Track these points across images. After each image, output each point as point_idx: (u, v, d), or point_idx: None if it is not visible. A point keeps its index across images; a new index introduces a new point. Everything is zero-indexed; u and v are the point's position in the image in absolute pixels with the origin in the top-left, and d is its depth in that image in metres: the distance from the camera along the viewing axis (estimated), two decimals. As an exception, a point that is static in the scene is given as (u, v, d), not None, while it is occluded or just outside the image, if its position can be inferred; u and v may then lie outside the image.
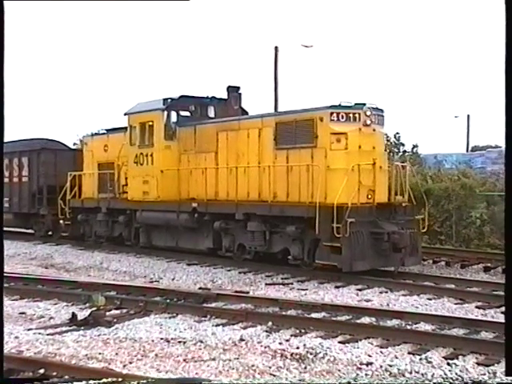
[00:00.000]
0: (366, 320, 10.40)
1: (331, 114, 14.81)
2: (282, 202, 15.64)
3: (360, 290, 13.46)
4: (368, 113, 14.89)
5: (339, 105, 14.92)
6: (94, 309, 11.15)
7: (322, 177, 14.62)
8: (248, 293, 13.09)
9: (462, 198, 21.15)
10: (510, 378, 6.02)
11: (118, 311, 11.51)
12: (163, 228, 19.30)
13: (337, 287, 13.80)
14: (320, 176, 14.57)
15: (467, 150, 45.62)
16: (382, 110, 15.42)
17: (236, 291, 13.21)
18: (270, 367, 7.97)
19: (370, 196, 14.79)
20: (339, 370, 7.83)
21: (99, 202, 21.63)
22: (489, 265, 16.45)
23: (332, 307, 11.18)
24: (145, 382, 4.72)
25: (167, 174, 18.76)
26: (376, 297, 12.75)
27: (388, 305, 11.97)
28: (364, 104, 14.95)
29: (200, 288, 13.85)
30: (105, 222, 21.46)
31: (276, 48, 32.86)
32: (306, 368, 7.94)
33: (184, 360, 8.29)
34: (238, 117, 17.96)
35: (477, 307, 11.59)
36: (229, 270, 16.34)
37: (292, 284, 14.34)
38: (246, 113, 19.12)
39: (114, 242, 21.55)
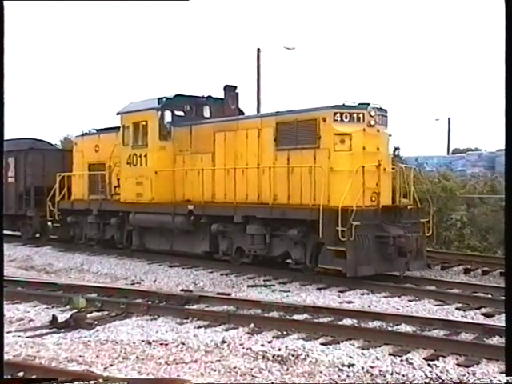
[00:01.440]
0: (347, 322, 10.43)
1: (335, 114, 14.39)
2: (283, 204, 15.20)
3: (342, 291, 13.45)
4: (372, 113, 14.49)
5: (343, 104, 14.50)
6: (74, 311, 11.13)
7: (325, 179, 14.17)
8: (230, 295, 13.07)
9: (443, 201, 21.06)
10: (509, 378, 6.42)
11: (99, 313, 11.43)
12: (157, 231, 18.79)
13: (319, 289, 13.80)
14: (323, 178, 14.13)
15: (448, 153, 45.67)
16: (385, 111, 15.04)
17: (218, 293, 13.18)
18: (251, 369, 7.97)
19: (373, 198, 14.39)
20: (321, 372, 7.84)
21: (90, 204, 21.06)
22: (469, 267, 16.50)
23: (314, 309, 11.21)
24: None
25: (162, 176, 18.24)
26: (357, 298, 12.74)
27: (369, 306, 11.96)
28: (368, 104, 14.55)
29: (182, 290, 13.79)
30: (96, 224, 20.91)
31: (258, 50, 32.56)
32: (287, 370, 7.95)
33: (166, 362, 8.30)
34: (236, 117, 17.49)
35: (457, 309, 11.62)
36: (211, 272, 16.34)
37: (274, 286, 14.32)
38: (243, 113, 18.67)
39: (105, 244, 21.01)
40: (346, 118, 14.40)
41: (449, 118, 51.42)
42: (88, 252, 20.69)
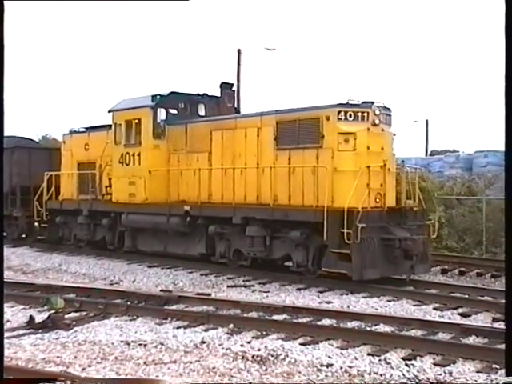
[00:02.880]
0: (326, 322, 10.44)
1: (339, 112, 13.97)
2: (284, 205, 14.75)
3: (321, 292, 13.43)
4: (377, 112, 14.08)
5: (347, 103, 14.08)
6: (52, 312, 10.99)
7: (329, 179, 13.74)
8: (210, 295, 12.99)
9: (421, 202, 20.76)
10: (510, 378, 6.35)
11: (77, 314, 11.35)
12: (150, 232, 18.27)
13: (298, 289, 13.77)
14: (327, 178, 13.70)
15: (426, 154, 45.67)
16: (389, 109, 14.64)
17: (198, 293, 13.10)
18: (231, 369, 7.96)
19: (378, 200, 13.99)
20: (300, 372, 7.86)
21: (80, 204, 20.49)
22: (446, 267, 16.51)
23: (293, 309, 11.22)
24: None
25: (156, 175, 17.72)
26: (337, 299, 12.73)
27: (348, 307, 11.97)
28: (372, 102, 14.14)
29: (161, 290, 13.73)
30: (86, 225, 20.34)
31: (239, 51, 32.22)
32: (266, 370, 7.96)
33: (144, 363, 8.28)
34: (234, 115, 17.03)
35: (434, 309, 11.68)
36: (190, 272, 16.22)
37: (254, 286, 14.22)
38: (239, 112, 18.22)
39: (95, 245, 20.45)
40: (350, 116, 13.98)
41: (427, 120, 51.57)
42: (66, 252, 20.49)
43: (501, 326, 9.88)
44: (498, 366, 7.82)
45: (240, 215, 15.40)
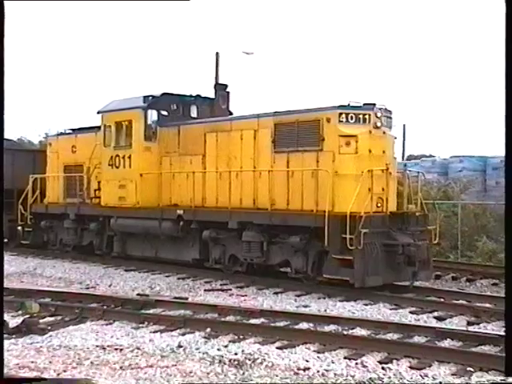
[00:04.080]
0: (303, 325, 10.46)
1: (340, 114, 13.59)
2: (282, 209, 14.34)
3: (298, 295, 13.45)
4: (378, 114, 13.74)
5: (348, 105, 13.72)
6: (26, 316, 10.89)
7: (329, 183, 13.34)
8: (187, 299, 12.95)
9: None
10: (510, 378, 6.47)
11: (52, 318, 11.23)
12: (141, 237, 17.76)
13: (276, 293, 13.74)
14: (328, 182, 13.31)
15: (402, 159, 45.62)
16: (390, 112, 14.30)
17: (175, 297, 13.10)
18: (208, 373, 7.96)
19: (379, 204, 13.62)
20: (277, 376, 7.87)
21: (67, 208, 19.90)
22: None
23: (271, 313, 11.23)
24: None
25: (147, 178, 17.22)
26: (314, 303, 12.74)
27: (326, 310, 11.98)
28: (374, 104, 13.79)
29: (138, 294, 13.63)
30: (73, 229, 19.76)
31: (217, 54, 31.82)
32: (243, 374, 7.95)
33: (120, 367, 8.21)
34: (229, 116, 16.60)
35: (410, 312, 11.74)
36: (167, 276, 16.18)
37: (231, 290, 14.21)
38: (231, 114, 17.79)
39: (82, 250, 19.89)
40: (351, 118, 13.62)
41: (404, 125, 51.29)
42: (42, 256, 20.19)
43: (475, 329, 10.25)
44: (472, 369, 7.95)
45: (236, 220, 14.96)
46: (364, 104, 13.81)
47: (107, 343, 9.37)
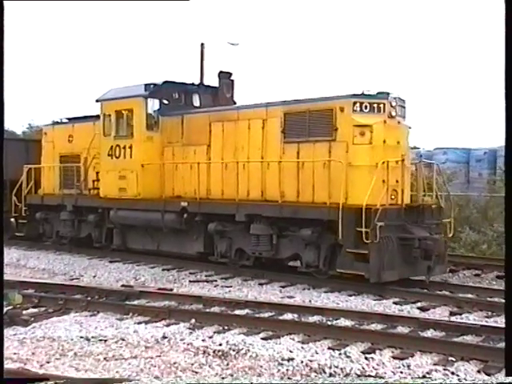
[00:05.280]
0: (288, 316, 10.49)
1: (354, 103, 13.11)
2: (292, 202, 13.87)
3: (283, 286, 13.43)
4: (393, 103, 13.28)
5: (362, 93, 13.24)
6: (9, 307, 10.64)
7: (343, 174, 12.88)
8: (171, 290, 13.00)
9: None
10: (510, 378, 6.17)
11: (35, 310, 11.25)
12: (142, 229, 17.23)
13: (260, 284, 13.76)
14: (342, 174, 12.84)
15: None
16: (404, 101, 13.84)
17: (159, 288, 13.12)
18: (192, 364, 7.97)
19: (393, 197, 13.18)
20: (261, 366, 7.91)
21: (63, 199, 19.33)
22: None
23: (255, 304, 11.25)
24: None
25: (149, 169, 16.68)
26: (299, 293, 12.76)
27: (310, 301, 11.98)
28: (388, 93, 13.33)
29: (122, 285, 13.65)
30: (70, 221, 19.20)
31: (202, 45, 31.30)
32: (228, 364, 7.98)
33: (104, 358, 8.23)
34: (236, 105, 16.08)
35: (394, 303, 11.77)
36: (152, 267, 16.16)
37: (216, 281, 14.18)
38: (235, 103, 17.28)
39: (79, 243, 19.33)
40: (365, 108, 13.15)
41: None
42: (25, 247, 20.06)
43: (457, 319, 10.30)
44: (453, 359, 8.05)
45: (244, 212, 14.46)
46: (378, 93, 13.36)
47: (91, 334, 9.38)
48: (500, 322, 10.14)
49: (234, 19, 55.80)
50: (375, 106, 13.17)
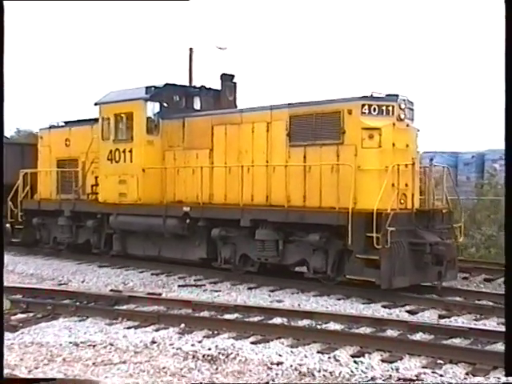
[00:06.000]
0: (277, 320, 10.50)
1: (363, 105, 12.82)
2: (299, 206, 13.56)
3: (272, 291, 13.44)
4: (402, 105, 13.01)
5: (371, 95, 12.97)
6: None
7: (351, 178, 12.59)
8: (160, 295, 13.01)
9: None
10: (510, 378, 6.24)
11: (24, 315, 11.21)
12: (142, 235, 16.87)
13: (249, 288, 13.76)
14: (351, 178, 12.55)
15: None
16: (412, 103, 13.57)
17: (148, 293, 13.08)
18: (181, 369, 7.96)
19: (402, 201, 12.90)
20: (250, 371, 7.90)
21: (61, 204, 18.94)
22: None
23: (245, 308, 11.26)
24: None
25: (149, 174, 16.34)
26: (288, 298, 12.78)
27: (299, 305, 12.02)
28: (397, 95, 13.06)
29: (111, 290, 13.65)
30: (68, 226, 18.81)
31: (191, 49, 31.18)
32: (217, 369, 7.97)
33: (93, 364, 8.22)
34: (239, 108, 15.76)
35: (383, 306, 11.83)
36: (141, 272, 16.17)
37: (205, 285, 14.20)
38: (236, 107, 16.98)
39: (77, 249, 18.96)
40: (374, 110, 12.87)
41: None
42: (13, 252, 19.88)
43: (446, 322, 10.40)
44: (442, 362, 8.06)
45: (249, 217, 14.14)
46: (386, 95, 13.10)
47: (80, 340, 9.35)
48: (488, 324, 10.31)
49: (236, 22, 55.70)
50: (384, 108, 12.91)
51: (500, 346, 8.54)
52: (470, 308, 11.43)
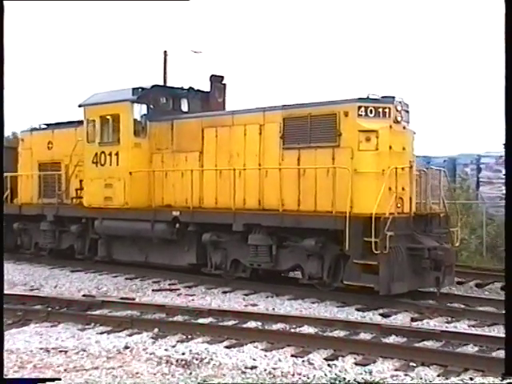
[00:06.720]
0: (252, 324, 10.47)
1: (359, 107, 12.56)
2: (293, 210, 13.25)
3: (247, 294, 13.42)
4: (399, 107, 12.78)
5: (367, 97, 12.71)
6: None
7: (348, 182, 12.30)
8: (134, 299, 12.94)
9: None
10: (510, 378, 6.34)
11: None
12: (129, 240, 16.44)
13: (224, 292, 13.73)
14: (347, 181, 12.27)
15: None
16: (407, 105, 13.35)
17: (122, 298, 13.05)
18: (154, 374, 7.91)
19: (399, 205, 12.64)
20: (224, 375, 7.87)
21: (43, 209, 18.43)
22: None
23: (219, 312, 11.21)
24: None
25: (137, 177, 15.91)
26: (262, 301, 12.77)
27: (274, 309, 12.04)
28: (393, 97, 12.82)
29: (84, 295, 13.55)
30: (50, 231, 18.31)
31: (165, 52, 30.98)
32: (191, 374, 7.91)
33: (65, 370, 8.11)
34: (230, 110, 15.41)
35: (357, 310, 11.85)
36: (115, 277, 16.02)
37: (179, 290, 14.12)
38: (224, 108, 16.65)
39: (60, 255, 18.46)
40: (371, 112, 12.61)
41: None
42: None
43: (418, 325, 10.47)
44: (414, 364, 8.12)
45: (242, 222, 13.79)
46: (383, 97, 12.85)
47: (51, 346, 9.23)
48: (459, 327, 10.46)
49: (233, 22, 55.29)
50: (380, 110, 12.66)
51: (470, 348, 8.85)
52: (441, 311, 11.47)
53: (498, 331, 10.15)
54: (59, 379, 7.45)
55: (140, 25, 64.96)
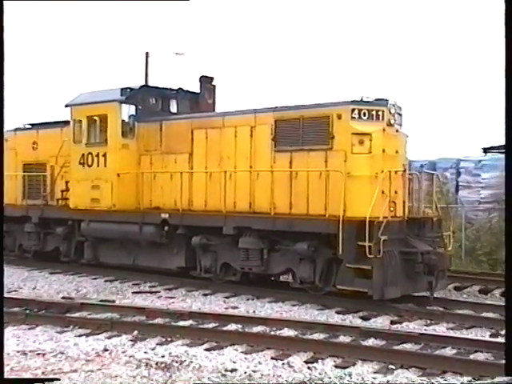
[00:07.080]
0: (232, 327, 10.47)
1: (353, 110, 12.43)
2: (285, 214, 13.10)
3: (227, 297, 13.40)
4: (392, 110, 12.67)
5: (361, 100, 12.59)
6: None
7: (341, 185, 12.17)
8: (114, 302, 12.87)
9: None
10: (510, 378, 6.30)
11: None
12: (116, 243, 16.19)
13: (205, 295, 13.70)
14: (341, 184, 12.13)
15: None
16: (400, 108, 13.24)
17: (101, 300, 12.98)
18: (134, 377, 7.86)
19: (392, 208, 12.53)
20: (203, 378, 7.85)
21: (28, 210, 18.13)
22: None
23: (199, 315, 11.21)
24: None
25: (124, 179, 15.67)
26: (243, 304, 12.77)
27: (254, 312, 12.02)
28: (387, 100, 12.71)
29: (63, 297, 13.41)
30: (35, 233, 18.02)
31: (147, 54, 30.83)
32: (170, 376, 7.89)
33: (42, 373, 8.04)
34: (221, 112, 15.22)
35: (337, 312, 11.88)
36: (94, 279, 15.95)
37: (159, 292, 14.09)
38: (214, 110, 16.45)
39: (45, 257, 18.17)
40: (364, 115, 12.49)
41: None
42: None
43: (398, 328, 10.52)
44: (394, 367, 8.14)
45: (232, 225, 13.61)
46: (376, 99, 12.73)
47: (29, 348, 9.14)
48: (438, 329, 10.47)
49: (231, 22, 55.01)
50: (374, 113, 12.54)
51: (449, 351, 8.87)
52: (420, 314, 11.53)
53: (476, 334, 10.28)
54: (58, 379, 7.42)
55: (124, 25, 64.42)
